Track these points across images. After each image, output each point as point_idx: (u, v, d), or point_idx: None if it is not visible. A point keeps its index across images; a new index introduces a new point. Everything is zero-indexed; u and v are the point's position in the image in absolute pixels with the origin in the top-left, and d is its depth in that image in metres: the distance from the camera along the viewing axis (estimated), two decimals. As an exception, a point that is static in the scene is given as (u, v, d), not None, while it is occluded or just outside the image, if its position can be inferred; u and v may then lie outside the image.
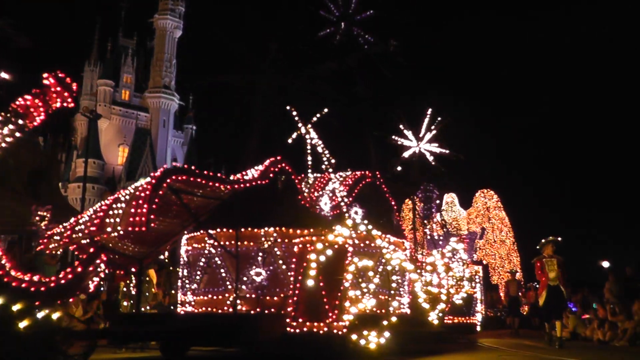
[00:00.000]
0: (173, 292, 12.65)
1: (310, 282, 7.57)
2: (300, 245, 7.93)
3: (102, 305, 12.35)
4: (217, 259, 9.43)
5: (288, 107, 9.10)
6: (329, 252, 7.64)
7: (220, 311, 8.85)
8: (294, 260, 7.97)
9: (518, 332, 17.17)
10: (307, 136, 9.46)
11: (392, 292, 9.44)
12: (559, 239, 12.18)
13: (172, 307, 12.05)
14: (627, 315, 12.82)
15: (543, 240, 12.19)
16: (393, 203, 11.24)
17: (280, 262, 8.39)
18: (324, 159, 9.51)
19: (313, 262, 7.57)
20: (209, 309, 8.94)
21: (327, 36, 12.84)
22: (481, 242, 26.31)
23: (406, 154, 13.87)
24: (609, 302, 14.35)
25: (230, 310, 8.67)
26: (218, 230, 9.35)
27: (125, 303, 11.72)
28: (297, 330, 7.51)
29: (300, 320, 7.52)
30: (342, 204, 9.14)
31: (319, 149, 9.51)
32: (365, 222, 8.92)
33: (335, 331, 7.47)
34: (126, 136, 69.23)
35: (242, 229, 8.78)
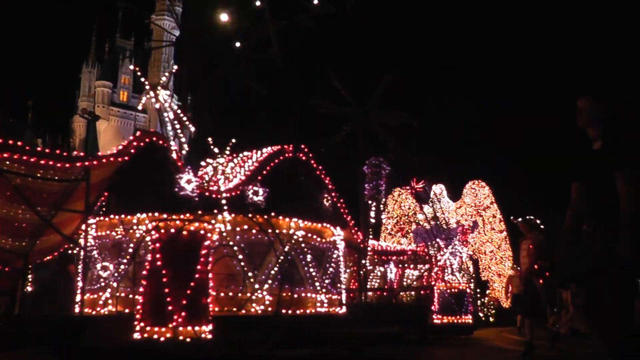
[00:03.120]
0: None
1: (153, 277, 5.95)
2: (153, 234, 6.29)
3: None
4: (95, 252, 8.07)
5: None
6: (178, 241, 6.01)
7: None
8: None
9: (521, 331, 15.72)
10: (154, 100, 7.77)
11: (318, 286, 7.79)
12: (531, 218, 9.69)
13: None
14: None
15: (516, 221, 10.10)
16: (328, 182, 9.52)
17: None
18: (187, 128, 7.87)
19: (158, 252, 5.96)
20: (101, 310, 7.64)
21: None
22: (472, 236, 24.56)
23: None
24: None
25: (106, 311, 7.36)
26: (100, 218, 8.11)
27: None
28: (145, 336, 5.90)
29: (142, 323, 5.91)
30: (231, 184, 7.49)
31: (172, 115, 7.81)
32: (260, 203, 7.26)
33: (183, 338, 5.81)
34: (125, 137, 68.51)
35: (117, 216, 7.45)
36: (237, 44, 10.95)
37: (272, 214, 7.37)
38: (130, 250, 7.13)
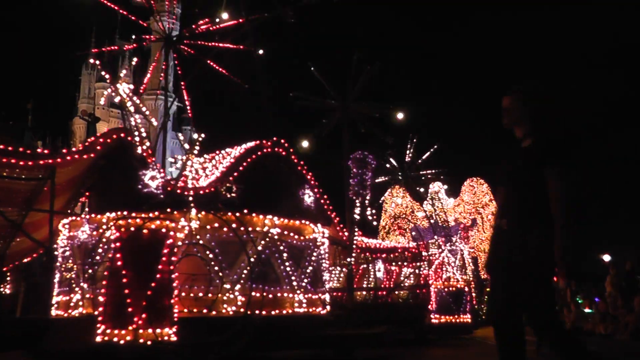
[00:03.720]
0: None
1: (113, 278, 5.65)
2: (114, 233, 5.99)
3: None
4: (67, 253, 7.81)
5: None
6: (139, 240, 5.70)
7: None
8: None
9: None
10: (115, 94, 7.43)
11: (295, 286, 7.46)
12: None
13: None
14: (629, 309, 12.29)
15: None
16: (310, 178, 9.17)
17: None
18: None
19: (119, 252, 5.67)
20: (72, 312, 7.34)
21: None
22: (471, 234, 24.17)
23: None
24: (610, 296, 13.85)
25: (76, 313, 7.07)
26: (72, 218, 7.89)
27: None
28: (106, 339, 5.59)
29: (103, 326, 5.60)
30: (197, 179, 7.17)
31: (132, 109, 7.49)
32: (233, 200, 6.94)
33: (144, 341, 5.50)
34: (124, 139, 68.59)
35: (86, 216, 7.21)
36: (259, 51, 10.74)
37: (245, 210, 7.04)
38: (100, 250, 6.82)
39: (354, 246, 9.92)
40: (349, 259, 10.02)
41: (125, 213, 6.18)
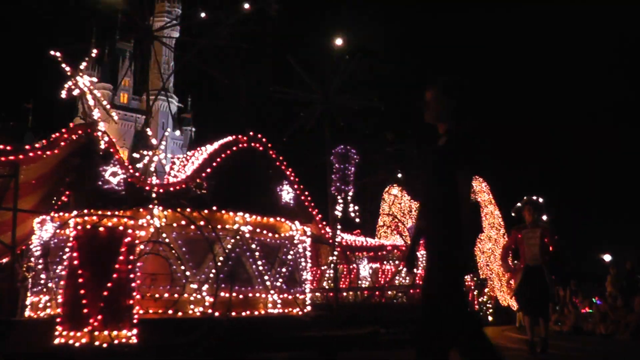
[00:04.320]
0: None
1: (71, 278, 5.40)
2: (71, 232, 5.74)
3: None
4: (37, 253, 7.59)
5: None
6: (95, 238, 5.44)
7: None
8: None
9: (521, 330, 15.17)
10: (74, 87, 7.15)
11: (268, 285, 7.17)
12: (539, 199, 8.36)
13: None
14: (629, 309, 12.23)
15: (518, 204, 8.48)
16: (289, 173, 8.88)
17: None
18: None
19: (76, 251, 5.42)
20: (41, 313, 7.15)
21: None
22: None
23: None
24: (611, 296, 13.74)
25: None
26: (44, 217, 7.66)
27: None
28: (63, 341, 5.35)
29: (61, 328, 5.36)
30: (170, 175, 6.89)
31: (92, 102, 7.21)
32: (204, 197, 6.66)
33: (100, 343, 5.24)
34: (125, 139, 68.60)
35: (50, 215, 6.99)
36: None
37: (214, 207, 6.76)
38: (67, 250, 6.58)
39: (337, 244, 9.61)
40: (331, 258, 9.72)
41: (86, 211, 5.93)
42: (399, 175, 24.40)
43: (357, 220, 10.05)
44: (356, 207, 9.91)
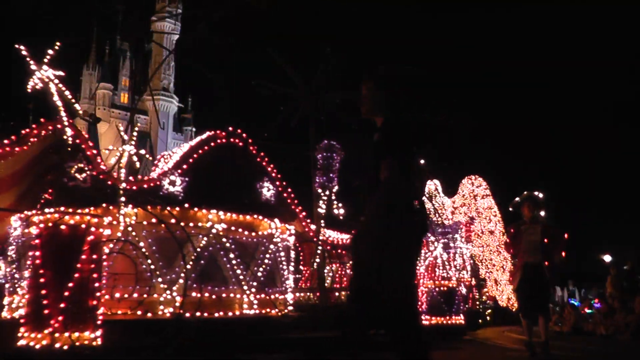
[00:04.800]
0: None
1: (34, 277, 5.23)
2: (34, 230, 5.56)
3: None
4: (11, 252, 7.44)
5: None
6: (57, 236, 5.27)
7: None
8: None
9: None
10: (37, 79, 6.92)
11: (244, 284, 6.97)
12: (539, 195, 7.90)
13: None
14: (629, 309, 12.16)
15: (517, 199, 7.97)
16: (271, 170, 8.67)
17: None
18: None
19: (38, 250, 5.25)
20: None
21: None
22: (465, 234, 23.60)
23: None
24: (611, 296, 13.80)
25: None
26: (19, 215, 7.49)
27: None
28: (25, 343, 5.20)
29: (24, 329, 5.19)
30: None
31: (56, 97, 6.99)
32: (177, 194, 6.46)
33: (61, 345, 5.06)
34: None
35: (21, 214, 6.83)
36: None
37: (186, 205, 6.56)
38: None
39: (323, 242, 9.38)
40: (315, 256, 9.49)
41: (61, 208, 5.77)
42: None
43: (342, 217, 9.80)
44: (340, 204, 9.66)
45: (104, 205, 6.23)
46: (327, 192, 9.14)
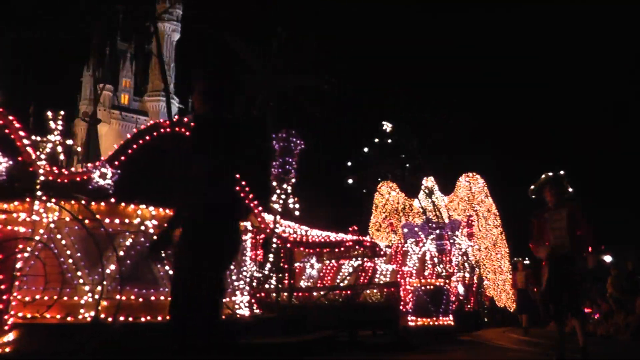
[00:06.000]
0: None
1: None
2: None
3: None
4: None
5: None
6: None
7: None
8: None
9: (528, 331, 14.65)
10: None
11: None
12: (559, 173, 6.69)
13: None
14: (630, 310, 12.36)
15: (533, 187, 6.75)
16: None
17: None
18: None
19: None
20: None
21: None
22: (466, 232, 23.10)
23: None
24: (611, 297, 13.91)
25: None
26: None
27: None
28: None
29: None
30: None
31: None
32: (107, 188, 5.94)
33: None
34: (126, 140, 68.64)
35: None
36: None
37: (112, 200, 6.04)
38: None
39: (276, 239, 8.79)
40: (270, 254, 8.93)
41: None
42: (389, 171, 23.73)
43: (297, 213, 9.21)
44: (296, 198, 9.07)
45: (17, 199, 5.72)
46: (284, 185, 8.56)
